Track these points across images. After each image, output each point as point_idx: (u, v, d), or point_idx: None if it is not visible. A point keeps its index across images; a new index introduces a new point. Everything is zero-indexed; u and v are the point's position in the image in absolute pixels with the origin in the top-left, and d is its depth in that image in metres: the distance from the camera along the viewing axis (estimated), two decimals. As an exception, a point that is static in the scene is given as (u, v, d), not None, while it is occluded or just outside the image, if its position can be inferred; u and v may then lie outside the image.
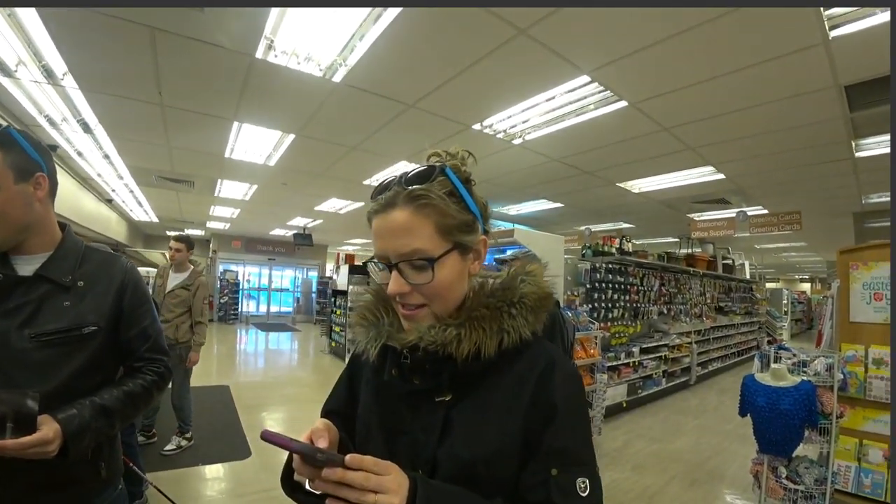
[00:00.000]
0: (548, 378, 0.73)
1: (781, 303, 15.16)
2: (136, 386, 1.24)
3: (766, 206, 7.02)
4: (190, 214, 11.06)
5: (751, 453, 3.16)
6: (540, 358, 0.75)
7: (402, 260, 0.72)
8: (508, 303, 0.75)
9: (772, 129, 4.07)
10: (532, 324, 0.76)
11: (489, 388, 0.74)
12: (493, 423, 0.72)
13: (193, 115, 4.31)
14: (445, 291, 0.74)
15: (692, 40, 2.75)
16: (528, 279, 0.80)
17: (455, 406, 0.74)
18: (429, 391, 0.76)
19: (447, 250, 0.72)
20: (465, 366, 0.71)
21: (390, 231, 0.72)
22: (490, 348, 0.71)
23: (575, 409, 0.74)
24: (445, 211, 0.72)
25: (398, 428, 0.78)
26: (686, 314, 7.87)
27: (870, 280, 3.28)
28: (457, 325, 0.72)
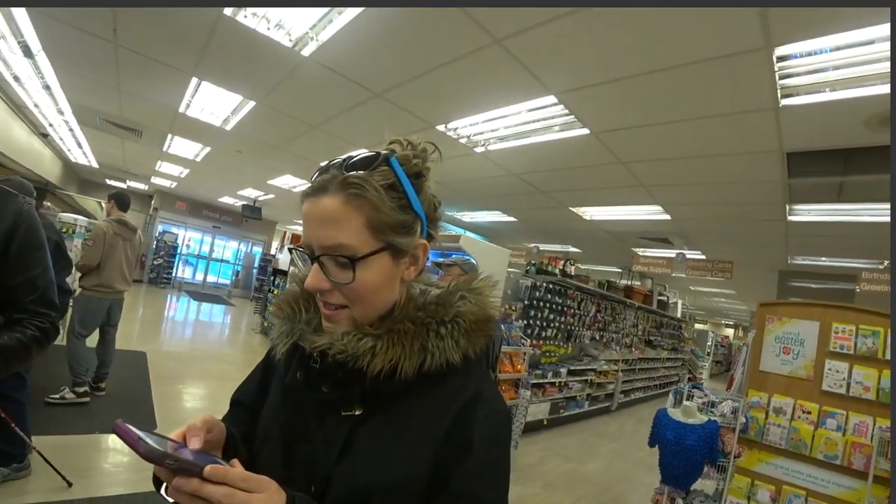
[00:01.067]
0: (469, 412, 0.65)
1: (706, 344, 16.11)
2: (12, 339, 1.12)
3: (704, 252, 7.42)
4: (134, 166, 10.40)
5: (655, 482, 3.30)
6: (466, 388, 0.68)
7: (324, 253, 0.64)
8: (438, 320, 0.68)
9: (718, 180, 4.29)
10: (463, 347, 0.68)
11: (404, 411, 0.67)
12: (401, 451, 0.64)
13: (149, 62, 4.04)
14: (369, 295, 0.66)
15: (658, 82, 2.85)
16: (469, 296, 0.72)
17: (364, 423, 0.67)
18: (337, 402, 0.68)
19: (376, 250, 0.64)
20: (379, 382, 0.64)
21: (317, 219, 0.65)
22: (408, 368, 0.64)
23: (493, 449, 0.66)
24: (380, 206, 0.64)
25: (300, 436, 0.70)
26: (617, 343, 8.17)
27: (782, 334, 3.51)
28: (374, 337, 0.65)
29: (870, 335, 3.18)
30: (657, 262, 7.73)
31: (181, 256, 15.44)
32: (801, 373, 3.38)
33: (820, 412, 3.21)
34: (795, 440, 3.20)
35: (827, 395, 3.25)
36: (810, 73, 2.53)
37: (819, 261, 6.54)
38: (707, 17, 2.22)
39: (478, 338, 0.71)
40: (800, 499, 3.16)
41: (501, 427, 0.69)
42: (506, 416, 0.71)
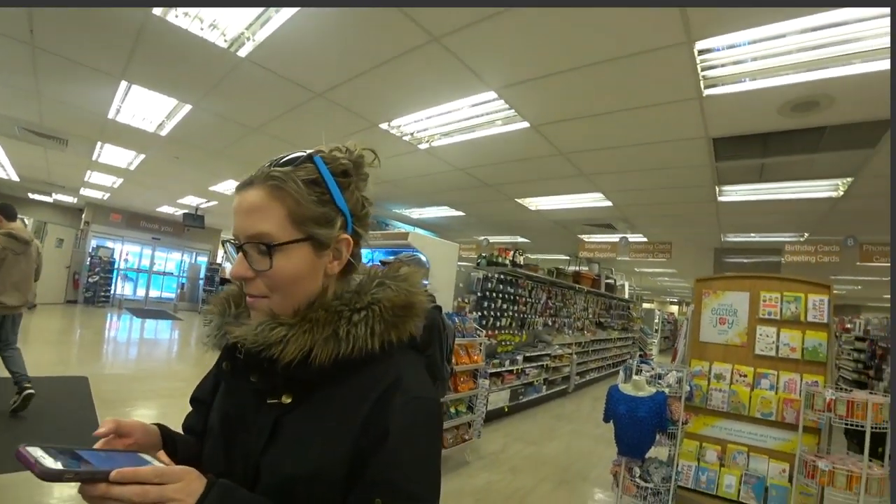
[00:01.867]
0: (387, 400, 0.65)
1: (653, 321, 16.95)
2: None
3: (645, 235, 7.82)
4: (60, 177, 9.67)
5: (613, 456, 3.48)
6: (386, 376, 0.68)
7: (247, 241, 0.67)
8: (352, 308, 0.68)
9: (653, 166, 4.54)
10: (381, 334, 0.68)
11: (326, 399, 0.68)
12: (320, 439, 0.65)
13: (72, 65, 3.78)
14: (287, 284, 0.68)
15: (591, 76, 3.00)
16: (390, 283, 0.73)
17: (290, 412, 0.68)
18: (263, 391, 0.70)
19: (295, 239, 0.67)
20: (297, 371, 0.65)
21: (243, 210, 0.69)
22: (322, 356, 0.64)
23: (412, 437, 0.65)
24: (299, 199, 0.68)
25: (238, 424, 0.73)
26: (569, 327, 8.47)
27: (717, 306, 3.79)
28: (288, 326, 0.66)
29: (793, 301, 3.48)
30: (602, 247, 8.06)
31: (119, 272, 14.50)
32: (736, 340, 3.66)
33: (755, 374, 3.50)
34: (735, 402, 3.47)
35: (760, 359, 3.55)
36: (730, 64, 2.74)
37: (749, 237, 7.06)
38: (633, 15, 2.36)
39: (400, 325, 0.71)
40: (742, 455, 3.44)
41: (421, 414, 0.67)
42: (428, 403, 0.69)
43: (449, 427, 4.29)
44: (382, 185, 6.52)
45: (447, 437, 4.27)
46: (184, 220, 11.33)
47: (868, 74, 2.59)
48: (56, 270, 12.64)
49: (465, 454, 4.50)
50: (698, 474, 3.52)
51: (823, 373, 3.31)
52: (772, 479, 3.27)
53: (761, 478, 3.30)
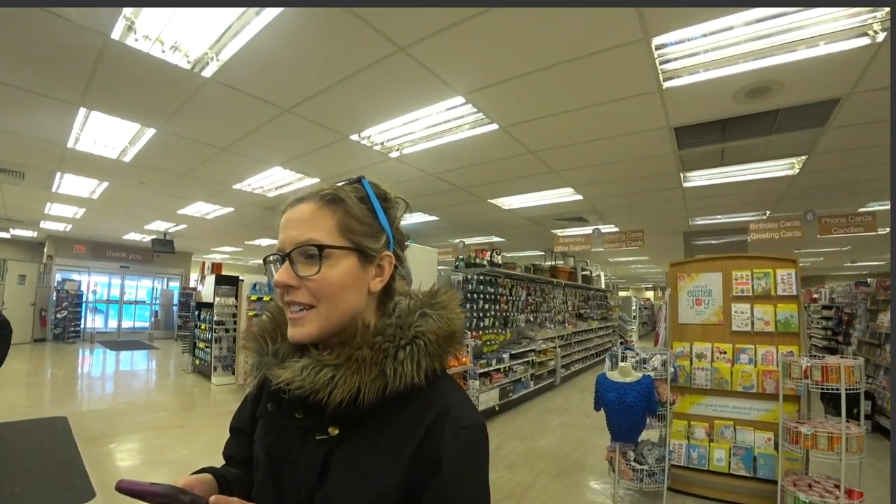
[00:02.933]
0: (437, 431, 0.65)
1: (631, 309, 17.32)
2: None
3: (617, 225, 8.01)
4: (17, 211, 9.28)
5: (607, 443, 3.55)
6: (432, 406, 0.67)
7: (295, 248, 0.68)
8: (397, 344, 0.67)
9: (619, 158, 4.68)
10: (427, 366, 0.68)
11: (375, 432, 0.68)
12: (372, 471, 0.65)
13: (25, 94, 3.64)
14: (335, 292, 0.68)
15: (554, 76, 3.08)
16: (431, 313, 0.72)
17: (339, 445, 0.68)
18: (310, 427, 0.70)
19: (344, 247, 0.69)
20: (346, 410, 0.65)
21: (292, 221, 0.70)
22: (369, 395, 0.64)
23: (464, 467, 0.65)
24: (350, 210, 0.70)
25: (285, 458, 0.73)
26: (551, 321, 8.59)
27: (692, 288, 3.92)
28: (333, 367, 0.66)
29: (762, 277, 3.64)
30: (576, 240, 8.21)
31: (88, 305, 14.00)
32: (713, 319, 3.80)
33: (734, 350, 3.64)
34: (718, 379, 3.61)
35: (737, 335, 3.69)
36: (686, 57, 2.86)
37: (716, 219, 7.32)
38: (590, 15, 2.45)
39: (444, 354, 0.71)
40: (729, 428, 3.57)
41: (472, 443, 0.67)
42: (477, 430, 0.68)
43: (444, 430, 4.30)
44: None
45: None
46: (152, 246, 11.03)
47: (813, 59, 2.75)
48: (20, 309, 12.07)
49: (461, 456, 4.51)
50: (689, 452, 3.64)
51: (797, 342, 3.47)
52: (759, 448, 3.41)
53: (749, 448, 3.43)
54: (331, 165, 5.12)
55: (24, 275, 12.62)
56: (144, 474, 4.19)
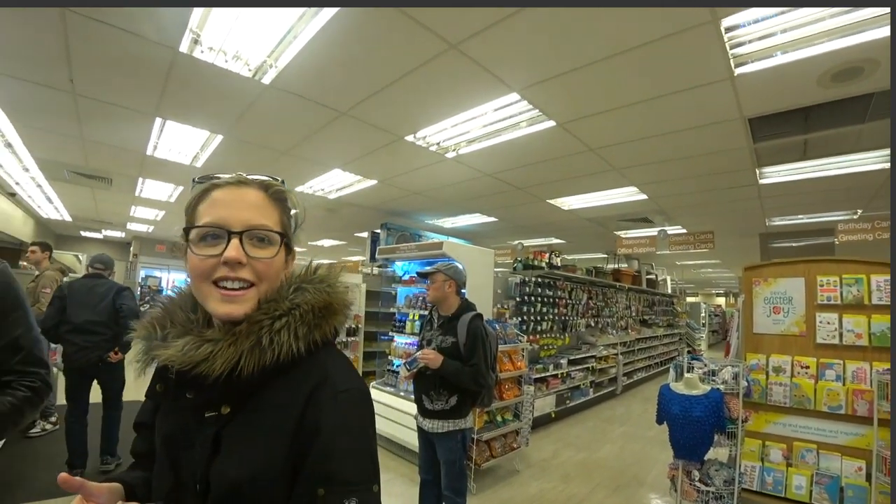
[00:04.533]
0: (316, 397, 0.70)
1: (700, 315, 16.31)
2: (4, 404, 1.10)
3: (684, 226, 7.54)
4: (108, 215, 10.21)
5: (669, 458, 3.33)
6: (311, 375, 0.72)
7: (248, 229, 0.73)
8: (272, 315, 0.72)
9: (686, 154, 4.38)
10: (306, 336, 0.73)
11: (260, 405, 0.72)
12: (259, 441, 0.69)
13: (110, 108, 3.98)
14: (274, 274, 0.76)
15: (615, 67, 2.91)
16: (307, 287, 0.78)
17: (230, 422, 0.72)
18: (201, 405, 0.73)
19: (285, 238, 0.78)
20: (227, 383, 0.68)
21: (241, 202, 0.75)
22: (247, 366, 0.68)
23: (342, 428, 0.69)
24: (286, 210, 0.81)
25: (181, 440, 0.75)
26: (612, 326, 8.25)
27: (770, 295, 3.58)
28: (212, 342, 0.70)
29: (853, 283, 3.26)
30: (640, 242, 7.83)
31: (167, 300, 15.16)
32: (794, 329, 3.44)
33: (818, 365, 3.28)
34: (799, 396, 3.26)
35: (822, 348, 3.32)
36: (759, 39, 2.60)
37: (797, 219, 6.70)
38: None
39: (323, 324, 0.76)
40: (811, 452, 3.21)
41: (350, 406, 0.71)
42: (354, 393, 0.73)
43: (496, 436, 4.23)
44: (413, 196, 6.55)
45: (496, 446, 4.20)
46: (224, 247, 11.71)
47: (916, 33, 2.41)
48: None
49: (514, 463, 4.41)
50: (763, 475, 3.31)
51: None
52: (847, 478, 3.04)
53: (835, 477, 3.06)
54: (388, 167, 5.18)
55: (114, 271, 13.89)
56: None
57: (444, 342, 2.65)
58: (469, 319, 2.63)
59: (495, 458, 4.14)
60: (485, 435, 4.07)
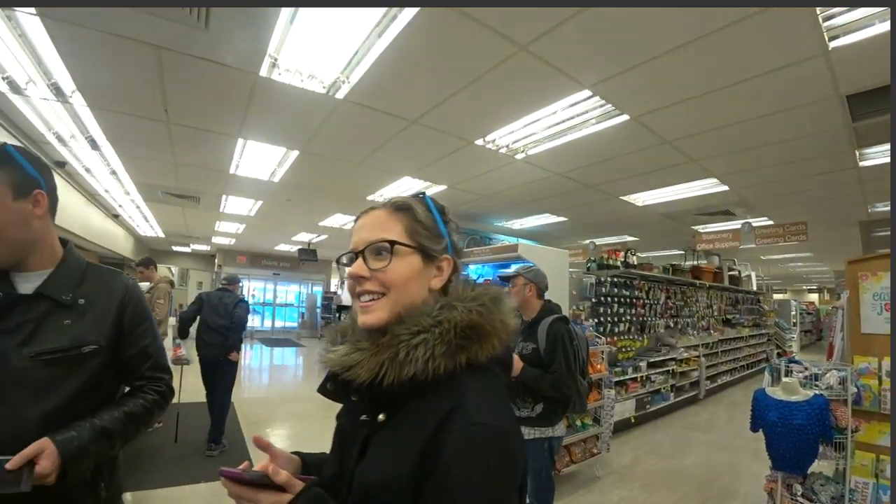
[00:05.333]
0: (446, 428, 0.65)
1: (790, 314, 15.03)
2: (137, 406, 1.23)
3: (771, 217, 6.98)
4: (195, 230, 11.12)
5: (764, 470, 3.10)
6: (449, 399, 0.69)
7: (367, 246, 0.78)
8: (411, 331, 0.72)
9: (774, 140, 4.06)
10: (445, 356, 0.70)
11: (403, 418, 0.73)
12: (394, 456, 0.69)
13: (198, 132, 4.35)
14: (401, 283, 0.77)
15: (691, 54, 2.76)
16: (458, 304, 0.75)
17: (379, 430, 0.74)
18: (360, 409, 0.79)
19: (410, 245, 0.79)
20: (369, 391, 0.72)
21: (365, 225, 0.82)
22: (389, 377, 0.69)
23: (465, 468, 0.62)
24: (417, 216, 0.82)
25: (347, 438, 0.83)
26: (693, 327, 7.81)
27: (880, 290, 3.23)
28: (362, 351, 0.74)
29: (985, 277, 2.87)
30: (722, 236, 7.35)
31: (249, 307, 16.25)
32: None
33: (942, 370, 2.92)
34: (919, 404, 2.92)
35: (947, 350, 2.95)
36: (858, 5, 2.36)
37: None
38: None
39: (470, 347, 0.73)
40: (938, 468, 2.86)
41: (477, 442, 0.64)
42: (488, 431, 0.66)
43: (576, 441, 4.14)
44: (482, 199, 6.57)
45: (575, 451, 4.11)
46: (299, 255, 12.37)
47: None
48: None
49: (594, 469, 4.29)
50: (878, 493, 2.97)
51: None
52: (985, 496, 2.68)
53: (969, 495, 2.71)
54: (458, 172, 5.24)
55: (201, 281, 15.15)
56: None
57: (524, 349, 2.59)
58: (549, 324, 2.56)
59: (575, 464, 4.05)
60: (565, 439, 3.99)
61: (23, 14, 2.59)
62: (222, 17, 2.55)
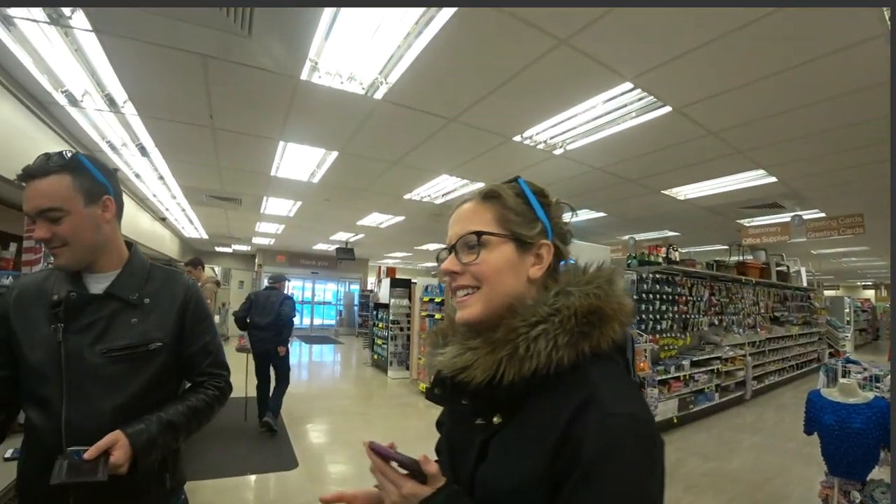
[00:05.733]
0: (578, 418, 0.61)
1: (843, 312, 14.22)
2: (199, 401, 1.28)
3: (823, 210, 6.64)
4: (237, 231, 11.50)
5: (818, 475, 2.98)
6: (576, 390, 0.64)
7: (458, 239, 0.76)
8: (529, 323, 0.67)
9: (829, 127, 3.85)
10: (568, 345, 0.65)
11: (526, 418, 0.68)
12: (522, 457, 0.65)
13: (241, 137, 4.50)
14: (494, 275, 0.73)
15: (739, 41, 2.65)
16: (574, 290, 0.70)
17: (498, 432, 0.71)
18: (471, 413, 0.76)
19: (499, 234, 0.74)
20: (488, 391, 0.68)
21: (456, 219, 0.80)
22: (509, 374, 0.65)
23: (610, 464, 0.58)
24: (506, 203, 0.76)
25: (458, 444, 0.80)
26: (739, 325, 7.52)
27: (948, 287, 3.03)
28: (473, 350, 0.70)
29: None
30: (770, 230, 7.02)
31: (288, 305, 16.72)
32: None
33: None
34: None
35: None
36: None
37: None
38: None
39: (592, 333, 0.67)
40: None
41: (620, 434, 0.59)
42: (630, 421, 0.61)
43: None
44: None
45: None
46: (336, 254, 12.62)
47: None
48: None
49: (636, 470, 4.20)
50: (946, 500, 2.82)
51: None
52: None
53: None
54: (495, 168, 5.23)
55: (242, 280, 15.70)
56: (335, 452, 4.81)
57: None
58: None
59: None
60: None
61: (79, 31, 2.74)
62: (265, 25, 2.63)
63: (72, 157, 1.16)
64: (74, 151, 1.21)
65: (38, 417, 1.12)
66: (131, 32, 2.74)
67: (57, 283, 1.19)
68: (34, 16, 2.60)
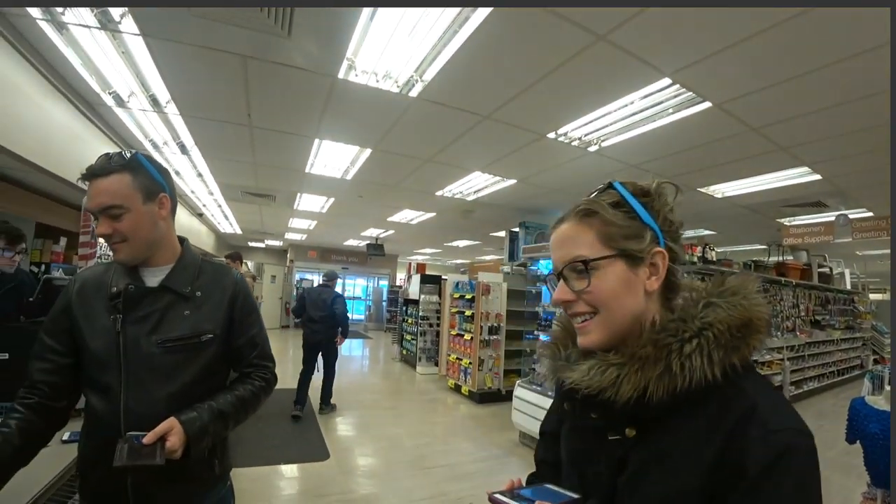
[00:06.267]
0: (740, 433, 0.60)
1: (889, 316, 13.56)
2: (247, 392, 1.34)
3: (871, 209, 6.35)
4: (270, 226, 11.77)
5: (858, 486, 2.88)
6: (733, 406, 0.62)
7: (564, 265, 0.74)
8: (681, 338, 0.65)
9: (875, 123, 3.68)
10: (720, 360, 0.64)
11: (673, 432, 0.66)
12: (673, 470, 0.64)
13: (278, 135, 4.62)
14: (609, 300, 0.70)
15: (784, 35, 2.57)
16: (719, 302, 0.68)
17: (636, 445, 0.69)
18: (604, 427, 0.72)
19: (607, 256, 0.71)
20: (635, 408, 0.66)
21: (557, 242, 0.76)
22: (658, 392, 0.64)
23: (776, 482, 0.57)
24: (608, 219, 0.72)
25: (585, 459, 0.77)
26: (777, 328, 7.28)
27: None
28: (617, 366, 0.67)
29: None
30: (812, 230, 6.76)
31: (318, 300, 17.07)
32: None
33: None
34: None
35: None
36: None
37: None
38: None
39: (742, 346, 0.66)
40: None
41: (787, 448, 0.58)
42: (794, 436, 0.60)
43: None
44: (552, 193, 6.49)
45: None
46: (367, 250, 12.77)
47: None
48: (272, 302, 15.53)
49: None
50: None
51: None
52: None
53: None
54: (528, 165, 5.21)
55: (275, 275, 16.11)
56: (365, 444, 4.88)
57: None
58: None
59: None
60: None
61: (127, 35, 2.87)
62: (304, 25, 2.70)
63: (131, 156, 1.23)
64: (134, 151, 1.27)
65: (99, 403, 1.18)
66: (176, 35, 2.86)
67: (115, 276, 1.26)
68: (86, 20, 2.73)
